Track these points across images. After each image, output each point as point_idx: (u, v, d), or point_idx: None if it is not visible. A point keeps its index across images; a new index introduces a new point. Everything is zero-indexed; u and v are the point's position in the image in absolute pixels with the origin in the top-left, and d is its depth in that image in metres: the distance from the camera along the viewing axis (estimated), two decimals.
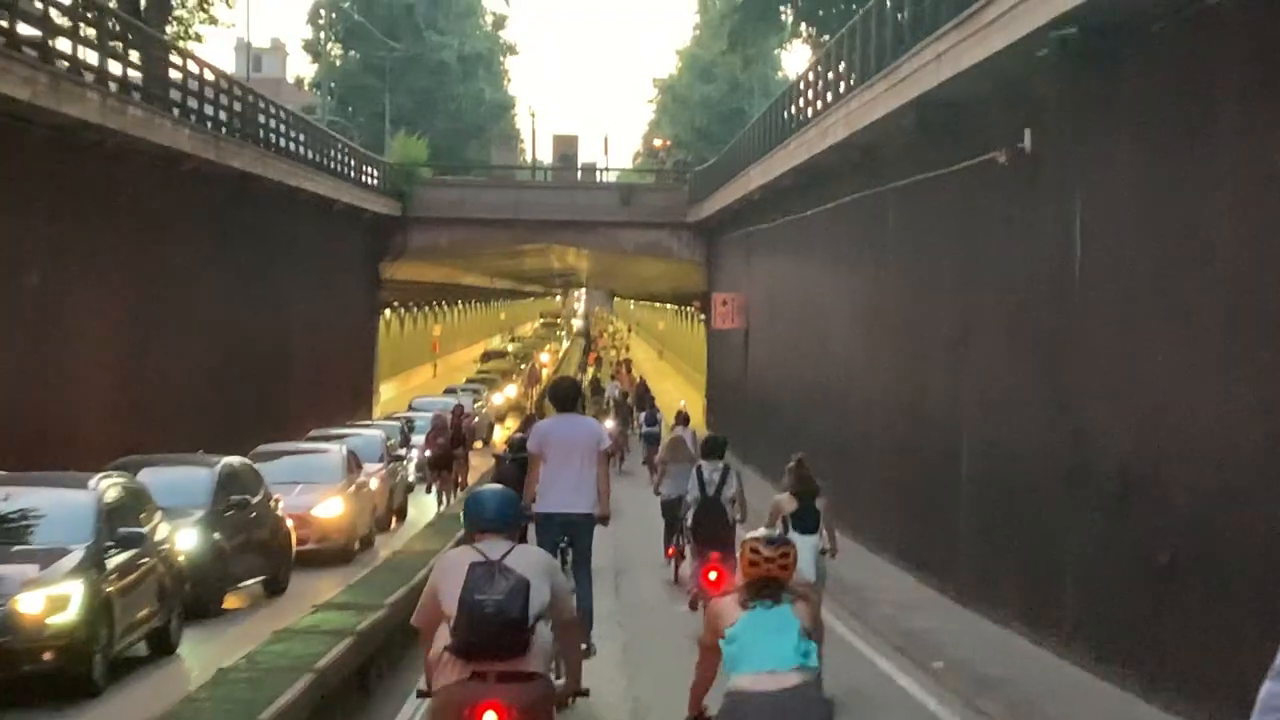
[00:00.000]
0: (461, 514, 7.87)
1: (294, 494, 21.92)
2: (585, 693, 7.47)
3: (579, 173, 58.94)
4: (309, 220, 38.69)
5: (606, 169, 67.46)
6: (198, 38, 42.58)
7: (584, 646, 10.31)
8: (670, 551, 19.87)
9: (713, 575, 15.04)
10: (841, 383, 25.73)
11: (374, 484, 26.10)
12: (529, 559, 7.08)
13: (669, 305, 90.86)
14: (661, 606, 18.17)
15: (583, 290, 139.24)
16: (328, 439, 27.34)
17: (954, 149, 18.24)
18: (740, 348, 39.12)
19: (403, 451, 31.42)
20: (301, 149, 38.29)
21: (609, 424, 31.76)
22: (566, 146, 60.69)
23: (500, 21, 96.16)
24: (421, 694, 7.38)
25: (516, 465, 16.59)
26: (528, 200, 51.33)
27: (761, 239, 35.69)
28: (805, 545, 11.70)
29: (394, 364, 64.75)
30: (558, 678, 8.23)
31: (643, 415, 38.87)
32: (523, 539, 9.23)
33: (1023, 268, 16.12)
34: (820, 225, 28.11)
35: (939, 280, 19.64)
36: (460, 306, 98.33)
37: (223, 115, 30.89)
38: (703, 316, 56.43)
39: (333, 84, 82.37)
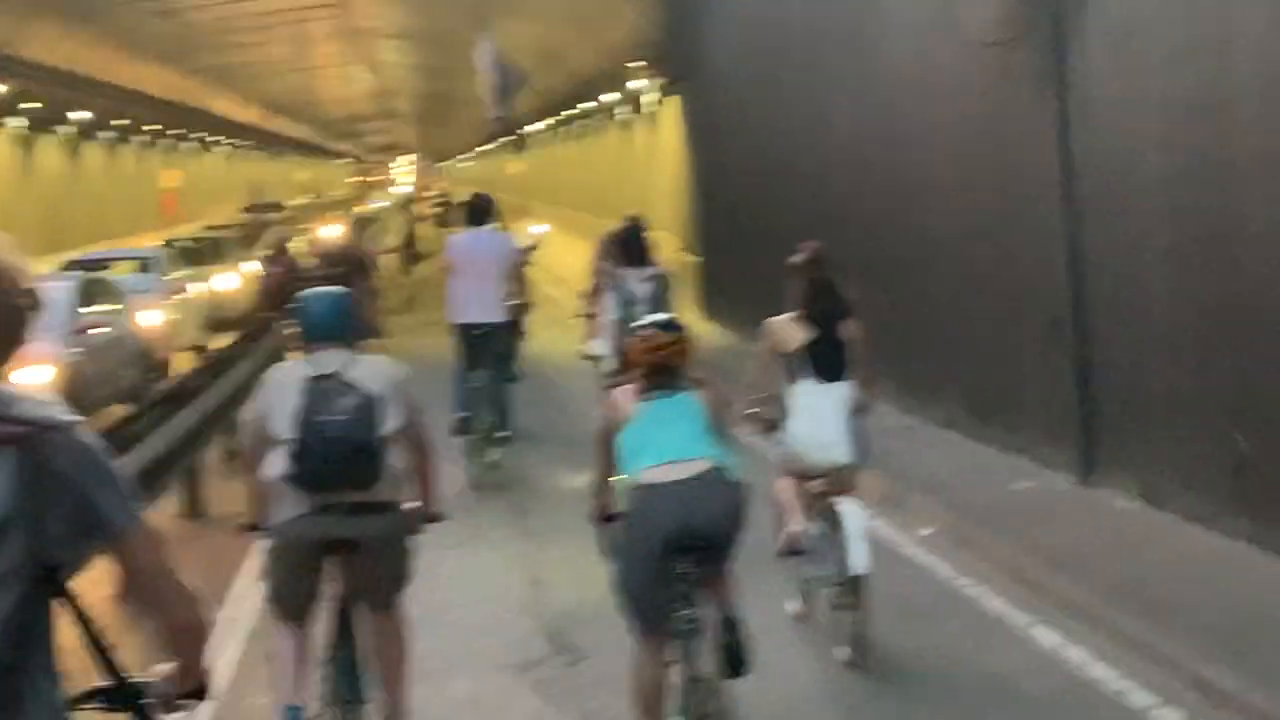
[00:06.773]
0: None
1: None
2: (440, 517, 6.43)
3: None
4: None
5: None
6: None
7: (505, 434, 12.16)
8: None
9: None
10: None
11: None
12: (374, 370, 6.04)
13: (533, 127, 61.12)
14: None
15: (413, 157, 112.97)
16: None
17: None
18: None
19: None
20: None
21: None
22: None
23: None
24: (249, 528, 6.15)
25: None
26: None
27: None
28: (829, 399, 7.39)
29: (56, 232, 35.04)
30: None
31: None
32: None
33: None
34: None
35: None
36: (232, 152, 68.21)
37: None
38: (659, 81, 27.91)
39: None
